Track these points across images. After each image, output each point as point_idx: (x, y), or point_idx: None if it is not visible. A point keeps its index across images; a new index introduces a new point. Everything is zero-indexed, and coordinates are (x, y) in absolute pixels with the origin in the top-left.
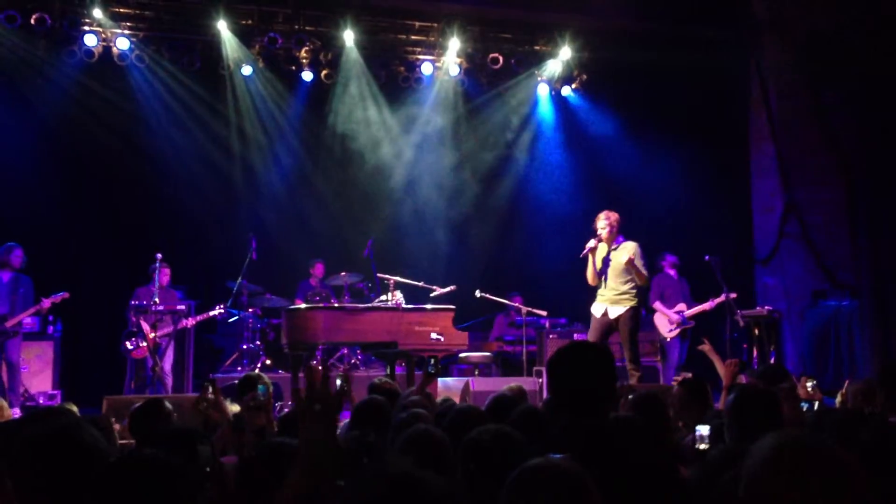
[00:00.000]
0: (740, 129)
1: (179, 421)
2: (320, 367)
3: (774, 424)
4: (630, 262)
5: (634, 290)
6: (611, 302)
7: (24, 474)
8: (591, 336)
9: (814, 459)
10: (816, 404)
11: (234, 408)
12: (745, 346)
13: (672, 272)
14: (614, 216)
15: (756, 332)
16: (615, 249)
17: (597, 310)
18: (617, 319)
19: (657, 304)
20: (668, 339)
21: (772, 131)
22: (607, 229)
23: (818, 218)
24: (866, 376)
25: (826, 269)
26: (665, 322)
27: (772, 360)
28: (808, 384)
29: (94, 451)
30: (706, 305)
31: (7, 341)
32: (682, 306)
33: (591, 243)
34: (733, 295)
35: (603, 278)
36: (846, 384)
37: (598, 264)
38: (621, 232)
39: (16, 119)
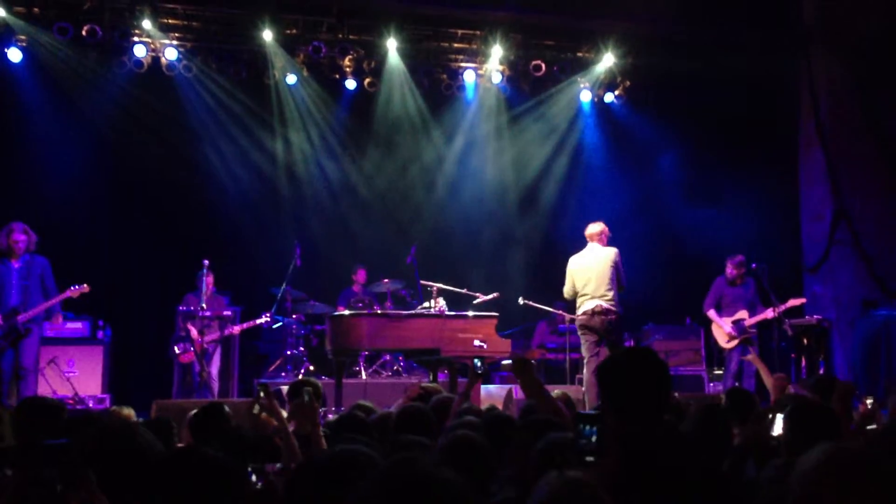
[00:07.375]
0: (789, 135)
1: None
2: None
3: (832, 439)
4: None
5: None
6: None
7: None
8: (591, 337)
9: (863, 470)
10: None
11: (284, 413)
12: (793, 355)
13: (734, 276)
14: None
15: (805, 341)
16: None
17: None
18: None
19: (711, 313)
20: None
21: (821, 138)
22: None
23: (869, 226)
24: None
25: (877, 278)
26: (721, 333)
27: (821, 371)
28: (868, 401)
29: (147, 454)
30: (768, 313)
31: (21, 342)
32: (742, 314)
33: None
34: (794, 302)
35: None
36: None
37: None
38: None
39: (68, 129)
